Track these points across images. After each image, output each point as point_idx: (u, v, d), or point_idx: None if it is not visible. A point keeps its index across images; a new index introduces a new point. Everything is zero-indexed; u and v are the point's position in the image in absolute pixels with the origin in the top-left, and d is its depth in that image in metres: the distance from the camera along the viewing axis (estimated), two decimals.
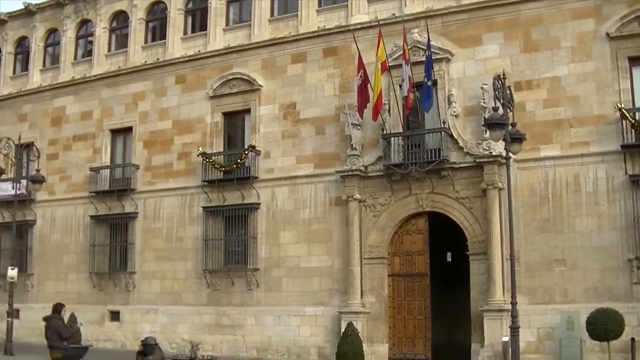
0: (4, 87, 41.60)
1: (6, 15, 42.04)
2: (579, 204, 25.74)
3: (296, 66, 31.98)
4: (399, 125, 28.88)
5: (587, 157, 25.86)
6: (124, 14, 38.09)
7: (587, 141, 25.94)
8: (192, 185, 33.67)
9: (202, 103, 34.08)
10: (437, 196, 27.94)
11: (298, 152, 31.40)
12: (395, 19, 29.54)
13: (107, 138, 37.03)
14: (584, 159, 25.88)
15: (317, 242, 30.31)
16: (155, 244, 34.38)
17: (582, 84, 26.25)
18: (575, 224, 25.67)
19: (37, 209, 38.51)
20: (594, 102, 26.02)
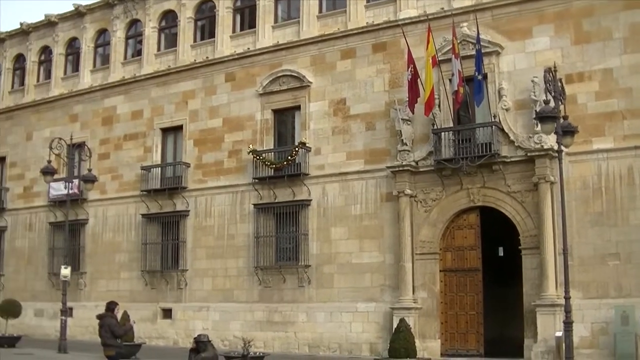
0: (55, 88, 43.11)
1: (57, 17, 43.54)
2: (633, 197, 26.03)
3: (345, 62, 32.70)
4: (450, 120, 29.43)
5: None
6: (172, 13, 39.21)
7: None
8: (243, 183, 34.60)
9: (252, 100, 35.02)
10: (489, 190, 28.46)
11: (348, 148, 32.11)
12: (444, 13, 30.13)
13: (157, 137, 38.19)
14: (638, 152, 26.11)
15: (368, 238, 30.98)
16: (207, 241, 35.37)
17: (635, 75, 26.49)
18: (630, 217, 25.95)
19: (89, 208, 39.86)
20: None
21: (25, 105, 44.46)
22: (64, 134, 36.28)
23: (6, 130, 45.32)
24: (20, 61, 46.13)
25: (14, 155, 44.66)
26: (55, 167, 34.76)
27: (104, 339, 18.36)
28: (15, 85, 46.28)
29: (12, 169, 44.68)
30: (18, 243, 43.30)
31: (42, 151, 39.98)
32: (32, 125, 43.90)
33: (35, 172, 40.93)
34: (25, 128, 44.28)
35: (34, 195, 42.93)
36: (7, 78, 46.36)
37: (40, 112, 43.70)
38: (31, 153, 43.42)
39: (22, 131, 44.48)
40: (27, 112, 44.30)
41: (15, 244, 43.44)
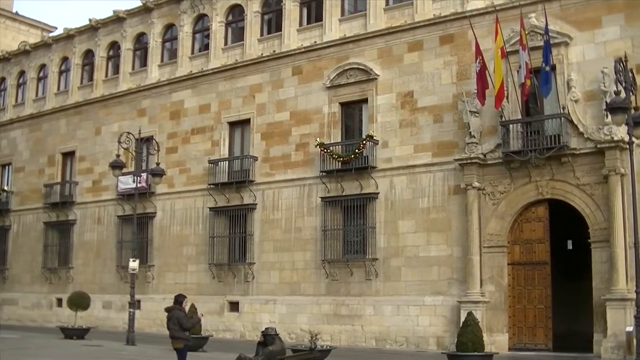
0: (124, 83, 44.91)
1: (124, 12, 45.32)
2: None
3: (412, 54, 33.54)
4: (518, 112, 29.98)
5: None
6: (239, 8, 40.53)
7: None
8: (310, 176, 35.69)
9: (319, 94, 36.11)
10: (557, 183, 29.02)
11: (416, 141, 32.92)
12: (511, 4, 30.73)
13: (225, 131, 39.54)
14: None
15: (435, 231, 31.77)
16: (274, 234, 36.56)
17: None
18: None
19: (157, 201, 41.48)
20: None
21: (94, 100, 46.36)
22: (132, 128, 37.93)
23: (75, 125, 47.30)
24: (89, 57, 48.02)
25: (83, 149, 46.55)
26: (123, 161, 35.64)
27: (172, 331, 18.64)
28: (84, 80, 48.23)
29: (81, 163, 46.58)
30: (87, 236, 45.14)
31: (111, 145, 41.71)
32: (101, 120, 45.72)
33: (104, 166, 42.89)
34: (94, 123, 46.14)
35: (103, 189, 44.69)
36: (76, 74, 48.31)
37: (108, 106, 45.50)
38: (100, 147, 45.27)
39: (90, 126, 46.37)
40: (96, 107, 46.20)
41: (84, 237, 45.26)
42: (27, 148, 50.61)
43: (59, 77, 49.94)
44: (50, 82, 50.05)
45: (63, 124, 48.24)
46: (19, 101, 52.38)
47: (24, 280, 48.69)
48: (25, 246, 48.96)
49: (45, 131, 49.37)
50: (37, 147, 49.73)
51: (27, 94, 51.64)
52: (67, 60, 49.44)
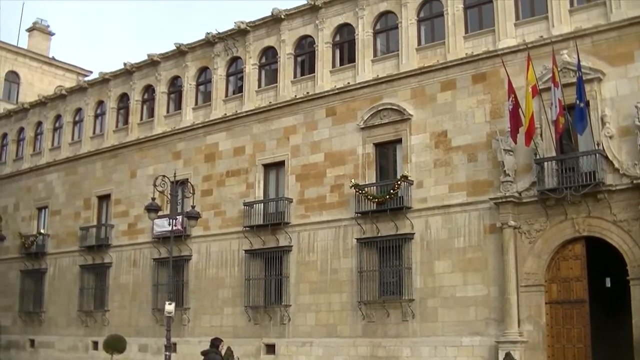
0: (158, 126, 45.88)
1: (159, 56, 46.39)
2: None
3: (445, 94, 34.14)
4: (552, 149, 30.37)
5: None
6: (272, 50, 41.47)
7: None
8: (346, 217, 36.18)
9: (353, 135, 36.74)
10: (594, 220, 29.28)
11: (450, 181, 33.38)
12: (543, 41, 31.30)
13: (259, 173, 40.27)
14: None
15: (472, 271, 32.10)
16: (310, 276, 37.02)
17: None
18: None
19: (193, 244, 42.12)
20: None
21: (129, 144, 47.36)
22: (168, 171, 38.67)
23: (111, 168, 48.29)
24: (124, 100, 49.15)
25: (119, 192, 47.45)
26: (159, 204, 35.76)
27: None
28: (119, 124, 49.27)
29: (116, 206, 47.45)
30: (123, 279, 45.91)
31: (146, 188, 42.49)
32: (136, 163, 46.70)
33: (139, 209, 43.67)
34: (130, 166, 47.12)
35: (138, 231, 45.53)
36: (112, 117, 49.44)
37: (143, 150, 46.48)
38: (135, 190, 46.16)
39: (126, 169, 47.34)
40: (131, 150, 47.19)
41: (120, 280, 46.04)
42: (64, 191, 51.60)
43: (95, 120, 51.08)
44: (86, 125, 51.16)
45: (99, 167, 49.24)
46: (55, 145, 53.50)
47: (60, 323, 49.46)
48: (61, 289, 49.79)
49: (81, 174, 50.40)
50: (73, 190, 50.72)
51: (63, 137, 52.81)
52: (102, 104, 50.60)
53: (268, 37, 41.43)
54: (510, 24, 32.75)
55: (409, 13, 35.91)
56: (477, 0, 34.34)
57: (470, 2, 34.50)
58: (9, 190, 55.84)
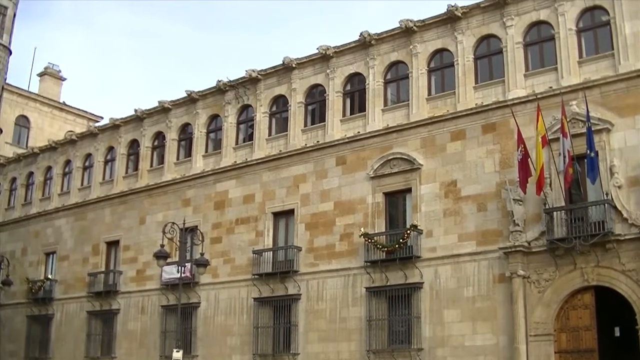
0: (168, 173, 46.48)
1: (170, 103, 47.12)
2: None
3: (455, 144, 34.76)
4: (561, 199, 30.88)
5: None
6: (283, 98, 42.23)
7: None
8: (355, 266, 36.56)
9: (362, 184, 37.30)
10: (603, 269, 29.69)
11: (460, 230, 33.85)
12: (552, 92, 32.03)
13: (269, 221, 40.76)
14: None
15: (481, 320, 32.39)
16: (319, 325, 37.28)
17: None
18: None
19: (201, 291, 42.45)
20: None
21: (138, 190, 47.92)
22: (177, 218, 39.08)
23: (120, 214, 48.82)
24: (134, 147, 49.84)
25: (128, 239, 47.88)
26: (168, 250, 36.04)
27: None
28: (129, 170, 49.88)
29: (125, 252, 47.84)
30: (131, 326, 46.13)
31: (155, 235, 42.69)
32: (146, 210, 47.21)
33: (148, 255, 43.91)
34: (139, 212, 47.63)
35: (147, 278, 45.88)
36: (122, 163, 50.06)
37: (153, 196, 47.04)
38: (144, 237, 46.58)
39: (135, 215, 47.83)
40: (141, 197, 47.73)
41: (128, 327, 46.26)
42: (72, 237, 52.03)
43: (105, 166, 51.66)
44: (96, 171, 51.71)
45: (108, 213, 49.73)
46: (65, 190, 54.05)
47: None
48: (68, 335, 49.98)
49: (90, 220, 50.89)
50: (82, 235, 51.15)
51: (72, 182, 53.37)
52: (112, 149, 51.26)
53: (279, 85, 42.21)
54: (520, 74, 33.50)
55: (420, 63, 36.69)
56: (487, 51, 35.21)
57: (481, 52, 35.35)
58: (17, 235, 56.33)
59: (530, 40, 34.01)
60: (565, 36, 32.45)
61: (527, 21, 33.95)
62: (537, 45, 33.86)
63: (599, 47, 32.11)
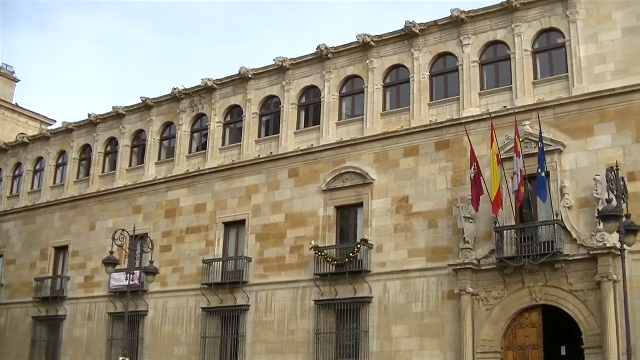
0: (120, 179, 45.69)
1: (124, 109, 46.40)
2: None
3: (409, 160, 34.60)
4: (512, 218, 30.82)
5: None
6: (238, 109, 41.78)
7: None
8: (305, 279, 36.22)
9: (315, 197, 37.00)
10: (551, 289, 29.67)
11: (410, 246, 33.64)
12: (506, 112, 32.04)
13: (220, 231, 40.22)
14: None
15: (429, 337, 32.16)
16: (267, 337, 36.80)
17: None
18: None
19: (150, 300, 41.74)
20: None
21: (89, 196, 47.00)
22: (127, 225, 38.49)
23: (70, 219, 47.84)
24: (86, 152, 48.97)
25: (77, 244, 46.92)
26: (117, 258, 35.29)
27: None
28: (80, 175, 48.95)
29: (74, 258, 46.84)
30: (77, 333, 45.15)
31: (105, 242, 41.93)
32: (96, 216, 46.31)
33: (97, 262, 43.03)
34: (89, 218, 46.71)
35: (95, 285, 44.93)
36: (73, 168, 49.12)
37: (104, 202, 46.17)
38: (94, 243, 45.69)
39: (85, 221, 46.89)
40: (92, 203, 46.82)
41: (74, 334, 45.27)
42: (20, 241, 50.93)
43: (56, 170, 50.69)
44: (47, 175, 50.72)
45: (57, 218, 48.76)
46: (14, 193, 52.98)
47: None
48: (12, 341, 48.79)
49: (39, 224, 49.84)
50: (31, 240, 50.06)
51: (22, 186, 52.32)
52: (64, 154, 50.30)
53: (234, 95, 41.80)
54: (475, 93, 33.54)
55: (376, 78, 36.56)
56: (443, 69, 35.19)
57: (437, 70, 35.33)
58: None
59: (486, 60, 34.10)
60: (521, 57, 32.59)
61: (484, 41, 34.05)
62: (492, 64, 34.00)
63: (554, 69, 32.37)
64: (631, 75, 29.92)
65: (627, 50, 30.34)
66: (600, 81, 30.57)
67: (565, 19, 31.97)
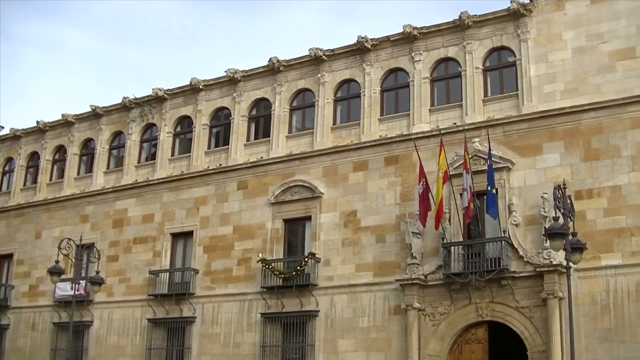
0: (68, 188, 44.54)
1: (73, 117, 45.32)
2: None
3: (358, 174, 34.19)
4: (460, 234, 30.63)
5: None
6: (188, 119, 41.00)
7: None
8: (251, 292, 35.53)
9: (263, 209, 36.36)
10: (497, 305, 29.39)
11: (358, 260, 33.18)
12: (456, 128, 31.82)
13: (167, 242, 39.37)
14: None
15: (375, 351, 31.67)
16: (213, 349, 36.03)
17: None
18: (637, 334, 26.89)
19: (95, 310, 40.64)
20: None
21: (36, 204, 45.70)
22: (74, 234, 37.44)
23: (16, 227, 46.47)
24: (34, 159, 47.68)
25: (22, 252, 45.58)
26: (63, 267, 34.87)
27: None
28: (27, 182, 47.60)
29: (19, 266, 45.51)
30: (20, 342, 43.80)
31: (51, 250, 41.01)
32: (42, 224, 45.09)
33: (42, 271, 41.99)
34: (35, 226, 45.44)
35: (40, 294, 43.68)
36: (20, 175, 47.79)
37: (51, 211, 44.97)
38: (39, 252, 44.42)
39: (31, 229, 45.58)
40: (38, 211, 45.55)
41: (17, 343, 43.92)
42: None
43: (2, 177, 49.30)
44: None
45: (3, 225, 47.29)
46: None
47: None
48: None
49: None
50: None
51: None
52: (11, 160, 48.92)
53: (185, 105, 41.07)
54: (425, 109, 33.27)
55: (327, 92, 36.14)
56: (394, 84, 34.90)
57: (388, 85, 35.02)
58: None
59: (437, 76, 33.86)
60: (472, 74, 32.44)
61: (435, 57, 33.81)
62: (443, 81, 33.77)
63: (504, 87, 32.25)
64: (580, 94, 29.98)
65: (577, 70, 30.37)
66: (550, 100, 30.53)
67: (516, 38, 31.93)
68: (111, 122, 44.08)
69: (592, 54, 30.25)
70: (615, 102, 29.15)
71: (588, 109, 29.62)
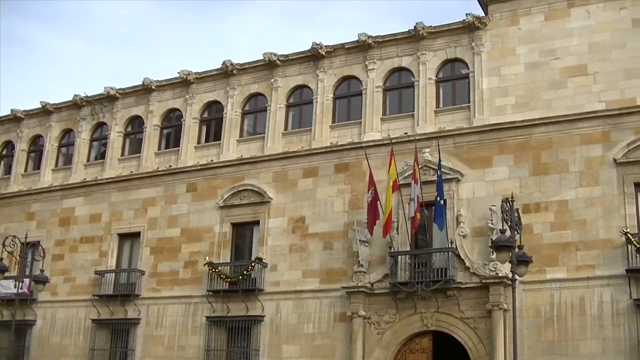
0: (14, 184, 43.38)
1: (22, 112, 44.21)
2: (584, 327, 27.08)
3: (307, 180, 33.83)
4: (407, 244, 30.38)
5: (593, 281, 27.36)
6: (139, 119, 40.27)
7: (593, 264, 27.53)
8: (197, 295, 34.89)
9: (211, 212, 35.77)
10: (442, 315, 29.17)
11: (305, 267, 32.80)
12: (407, 138, 31.61)
13: (114, 242, 38.54)
14: (590, 282, 27.38)
15: (319, 358, 31.28)
16: (157, 351, 35.33)
17: (589, 208, 28.10)
18: (580, 347, 26.90)
19: (38, 309, 39.60)
20: (600, 227, 27.79)
21: None
22: (19, 232, 36.66)
23: None
24: None
25: None
26: (6, 264, 33.55)
27: None
28: None
29: None
30: None
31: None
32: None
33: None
34: None
35: None
36: None
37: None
38: None
39: None
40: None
41: None
42: None
43: None
44: None
45: None
46: None
47: None
48: None
49: None
50: None
51: None
52: None
53: (137, 105, 40.33)
54: (377, 118, 33.05)
55: (279, 97, 35.74)
56: (347, 92, 34.65)
57: (340, 92, 34.75)
58: None
59: (390, 85, 33.67)
60: (425, 85, 32.32)
61: (389, 66, 33.62)
62: (396, 90, 33.56)
63: (456, 99, 32.17)
64: (531, 109, 30.00)
65: (528, 85, 30.41)
66: (501, 113, 30.52)
67: (470, 50, 31.88)
68: (61, 120, 43.11)
69: (544, 69, 30.31)
70: (566, 118, 29.21)
71: (538, 124, 29.64)
